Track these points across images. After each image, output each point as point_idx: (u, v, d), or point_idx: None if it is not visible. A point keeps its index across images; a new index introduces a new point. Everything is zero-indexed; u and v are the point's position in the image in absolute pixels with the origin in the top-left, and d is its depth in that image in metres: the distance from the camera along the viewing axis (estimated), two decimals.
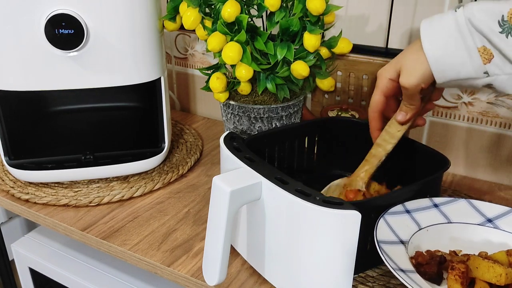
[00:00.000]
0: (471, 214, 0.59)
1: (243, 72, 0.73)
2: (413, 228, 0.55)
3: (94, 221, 0.74)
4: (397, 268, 0.48)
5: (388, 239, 0.52)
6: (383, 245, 0.50)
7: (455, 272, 0.50)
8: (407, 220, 0.55)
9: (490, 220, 0.58)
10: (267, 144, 0.70)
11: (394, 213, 0.55)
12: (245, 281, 0.62)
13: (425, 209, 0.58)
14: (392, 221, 0.54)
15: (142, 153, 0.82)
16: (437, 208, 0.58)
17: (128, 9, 0.72)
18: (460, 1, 0.76)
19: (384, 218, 0.54)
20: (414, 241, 0.54)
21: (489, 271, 0.50)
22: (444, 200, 0.59)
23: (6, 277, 1.14)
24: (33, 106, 0.80)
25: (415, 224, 0.55)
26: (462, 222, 0.58)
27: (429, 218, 0.57)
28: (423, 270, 0.52)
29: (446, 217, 0.58)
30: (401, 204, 0.56)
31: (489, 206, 0.59)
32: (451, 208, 0.59)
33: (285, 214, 0.53)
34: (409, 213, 0.56)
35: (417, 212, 0.57)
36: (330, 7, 0.73)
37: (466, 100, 0.81)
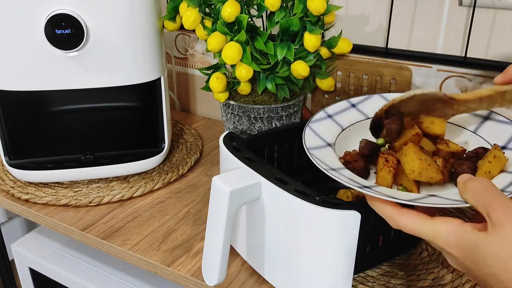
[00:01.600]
0: None
1: (243, 72, 0.73)
2: (336, 130, 0.59)
3: (94, 221, 0.74)
4: (328, 168, 0.51)
5: (316, 144, 0.55)
6: (312, 151, 0.54)
7: (389, 164, 0.52)
8: (330, 124, 0.59)
9: None
10: (266, 144, 0.70)
11: (318, 120, 0.59)
12: (245, 281, 0.62)
13: (344, 110, 0.62)
14: (316, 127, 0.58)
15: (142, 153, 0.82)
16: (355, 108, 0.62)
17: (128, 9, 0.72)
18: (460, 3, 0.77)
19: (309, 126, 0.58)
20: (339, 142, 0.58)
21: (407, 162, 0.51)
22: (360, 99, 0.63)
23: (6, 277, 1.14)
24: (33, 106, 0.80)
25: (338, 126, 0.59)
26: None
27: (349, 118, 0.61)
28: (351, 166, 0.54)
29: (364, 114, 0.61)
30: (322, 110, 0.60)
31: (400, 96, 0.58)
32: (367, 104, 0.62)
33: (285, 214, 0.53)
34: (331, 117, 0.60)
35: (337, 115, 0.61)
36: (330, 7, 0.73)
37: None
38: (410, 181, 0.52)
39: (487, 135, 0.59)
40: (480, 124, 0.60)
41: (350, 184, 0.48)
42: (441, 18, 0.79)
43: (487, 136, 0.59)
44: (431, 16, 0.79)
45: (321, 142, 0.56)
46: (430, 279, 0.61)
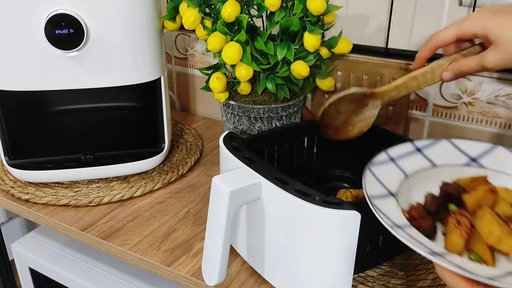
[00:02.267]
0: (454, 154, 0.56)
1: (243, 72, 0.73)
2: (399, 177, 0.53)
3: (94, 221, 0.74)
4: (393, 225, 0.45)
5: (378, 192, 0.49)
6: (374, 201, 0.48)
7: (462, 228, 0.47)
8: (393, 168, 0.53)
9: (474, 160, 0.56)
10: (266, 144, 0.70)
11: (379, 163, 0.53)
12: (245, 281, 0.62)
13: (408, 154, 0.56)
14: (378, 172, 0.52)
15: (142, 153, 0.82)
16: (420, 152, 0.56)
17: (128, 9, 0.72)
18: (460, 3, 0.76)
19: (370, 169, 0.51)
20: (403, 190, 0.52)
21: (485, 224, 0.46)
22: (426, 142, 0.57)
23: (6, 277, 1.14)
24: (33, 106, 0.80)
25: (401, 172, 0.53)
26: (447, 165, 0.56)
27: (414, 164, 0.55)
28: (417, 224, 0.48)
29: (430, 160, 0.56)
30: (384, 151, 0.54)
31: (471, 144, 0.57)
32: (434, 150, 0.57)
33: (285, 214, 0.53)
34: (393, 161, 0.54)
35: (401, 159, 0.55)
36: (330, 7, 0.73)
37: (466, 100, 0.81)
38: (485, 249, 0.46)
39: None
40: None
41: (419, 248, 0.43)
42: (441, 18, 0.79)
43: None
44: (431, 16, 0.79)
45: (383, 190, 0.50)
46: (430, 279, 0.61)
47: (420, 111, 0.86)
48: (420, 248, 0.43)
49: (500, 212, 0.48)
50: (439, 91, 0.83)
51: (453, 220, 0.47)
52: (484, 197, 0.50)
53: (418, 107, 0.86)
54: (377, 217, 0.46)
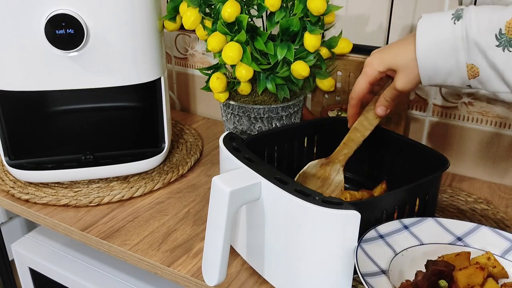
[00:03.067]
0: (440, 233, 0.59)
1: (243, 72, 0.73)
2: (389, 254, 0.55)
3: (94, 221, 0.74)
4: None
5: (370, 270, 0.51)
6: (367, 278, 0.49)
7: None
8: (382, 246, 0.56)
9: (459, 239, 0.59)
10: (266, 144, 0.70)
11: (369, 240, 0.55)
12: (245, 281, 0.62)
13: (396, 232, 0.58)
14: (368, 249, 0.54)
15: (142, 153, 0.82)
16: (408, 230, 0.59)
17: (128, 9, 0.72)
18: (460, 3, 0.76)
19: (361, 247, 0.54)
20: (393, 268, 0.54)
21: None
22: (413, 220, 0.59)
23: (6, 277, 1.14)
24: (33, 106, 0.80)
25: (390, 250, 0.56)
26: (433, 243, 0.58)
27: (402, 241, 0.57)
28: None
29: (417, 238, 0.58)
30: (373, 229, 0.56)
31: (456, 224, 0.60)
32: (420, 228, 0.59)
33: (285, 214, 0.53)
34: (382, 238, 0.56)
35: (389, 236, 0.57)
36: (330, 7, 0.73)
37: (466, 100, 0.81)
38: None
39: None
40: None
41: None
42: None
43: None
44: None
45: (375, 268, 0.52)
46: None
47: (420, 111, 0.86)
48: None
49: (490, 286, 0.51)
50: (439, 91, 0.83)
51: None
52: (475, 274, 0.52)
53: (418, 107, 0.86)
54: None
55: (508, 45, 0.52)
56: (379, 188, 0.69)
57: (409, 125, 0.88)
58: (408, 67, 0.59)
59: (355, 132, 0.69)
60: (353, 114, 0.69)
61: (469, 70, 0.55)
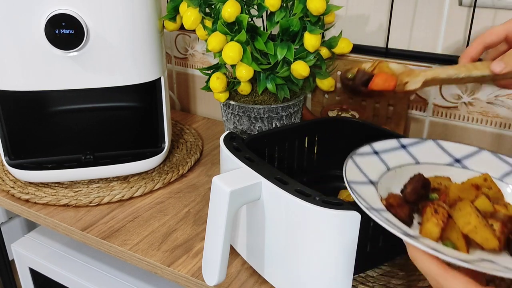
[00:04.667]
0: (439, 154, 0.57)
1: (243, 72, 0.73)
2: (381, 169, 0.53)
3: (94, 221, 0.74)
4: (369, 207, 0.46)
5: (357, 179, 0.50)
6: (353, 185, 0.48)
7: (439, 217, 0.47)
8: (376, 161, 0.54)
9: (458, 161, 0.56)
10: (267, 144, 0.70)
11: (362, 154, 0.53)
12: (245, 281, 0.62)
13: (392, 150, 0.56)
14: (360, 162, 0.52)
15: (142, 153, 0.82)
16: (405, 149, 0.56)
17: (128, 9, 0.72)
18: (460, 3, 0.77)
19: (353, 158, 0.52)
20: (383, 182, 0.52)
21: (463, 215, 0.46)
22: (412, 141, 0.57)
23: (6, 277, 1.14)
24: (33, 106, 0.80)
25: (384, 165, 0.54)
26: (430, 163, 0.56)
27: (397, 159, 0.55)
28: (394, 212, 0.49)
29: (413, 157, 0.56)
30: (368, 144, 0.54)
31: (456, 146, 0.57)
32: (418, 149, 0.57)
33: (285, 214, 0.53)
34: (377, 154, 0.54)
35: (385, 153, 0.55)
36: (330, 7, 0.73)
37: (466, 100, 0.81)
38: (460, 238, 0.46)
39: None
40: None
41: (392, 228, 0.43)
42: (441, 18, 0.79)
43: None
44: (431, 16, 0.79)
45: (364, 178, 0.51)
46: None
47: (420, 111, 0.86)
48: (393, 228, 0.43)
49: (480, 207, 0.49)
50: (439, 91, 0.83)
51: (431, 209, 0.47)
52: (468, 190, 0.50)
53: (418, 107, 0.86)
54: (354, 199, 0.46)
55: None
56: None
57: (409, 125, 0.88)
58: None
59: (454, 69, 0.58)
60: (470, 57, 0.58)
61: None
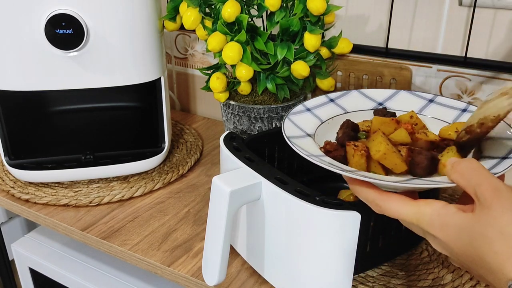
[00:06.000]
0: (363, 102, 0.64)
1: (243, 72, 0.73)
2: (315, 122, 0.60)
3: (94, 221, 0.74)
4: (309, 154, 0.51)
5: (296, 134, 0.56)
6: (292, 139, 0.54)
7: (360, 148, 0.51)
8: (310, 117, 0.60)
9: (380, 104, 0.64)
10: (267, 144, 0.70)
11: (297, 113, 0.60)
12: (245, 281, 0.62)
13: (322, 105, 0.63)
14: (296, 119, 0.59)
15: (142, 153, 0.82)
16: (333, 102, 0.64)
17: (128, 9, 0.72)
18: (460, 3, 0.76)
19: (289, 118, 0.59)
20: (319, 133, 0.58)
21: (375, 144, 0.51)
22: (338, 94, 0.65)
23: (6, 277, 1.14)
24: (33, 106, 0.80)
25: (317, 119, 0.61)
26: (357, 110, 0.63)
27: (328, 112, 0.62)
28: (332, 155, 0.53)
29: (342, 108, 0.63)
30: (301, 104, 0.61)
31: (378, 91, 0.65)
32: (345, 99, 0.64)
33: (285, 214, 0.53)
34: (309, 111, 0.61)
35: (316, 108, 0.62)
36: (330, 7, 0.73)
37: (466, 100, 0.81)
38: (377, 166, 0.51)
39: None
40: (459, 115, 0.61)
41: (332, 168, 0.48)
42: (441, 18, 0.79)
43: None
44: (431, 16, 0.79)
45: (301, 133, 0.57)
46: (430, 279, 0.61)
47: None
48: (333, 168, 0.48)
49: (397, 138, 0.54)
50: (439, 91, 0.83)
51: (350, 145, 0.52)
52: (388, 123, 0.56)
53: None
54: (295, 149, 0.51)
55: None
56: None
57: None
58: None
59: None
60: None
61: None
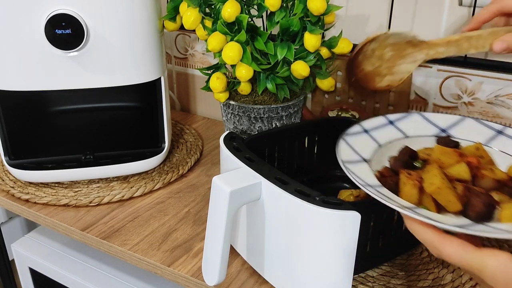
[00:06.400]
0: (425, 126, 0.59)
1: (243, 72, 0.73)
2: (372, 146, 0.55)
3: (94, 221, 0.74)
4: (364, 184, 0.48)
5: (352, 158, 0.52)
6: (347, 165, 0.50)
7: (413, 177, 0.49)
8: (367, 139, 0.56)
9: (444, 130, 0.59)
10: (267, 144, 0.70)
11: (353, 134, 0.56)
12: (245, 281, 0.62)
13: (381, 126, 0.58)
14: (352, 141, 0.55)
15: (142, 153, 0.82)
16: (393, 125, 0.59)
17: (128, 9, 0.72)
18: (460, 4, 0.76)
19: (344, 139, 0.54)
20: (376, 158, 0.54)
21: (429, 176, 0.49)
22: (398, 116, 0.60)
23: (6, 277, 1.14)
24: (33, 106, 0.80)
25: (374, 142, 0.56)
26: (418, 136, 0.58)
27: (387, 135, 0.58)
28: (385, 181, 0.51)
29: (402, 132, 0.58)
30: (358, 124, 0.57)
31: (441, 116, 0.60)
32: (405, 123, 0.59)
33: (285, 214, 0.53)
34: (367, 133, 0.57)
35: (374, 130, 0.57)
36: (330, 7, 0.73)
37: (466, 100, 0.81)
38: (429, 201, 0.48)
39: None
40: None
41: (389, 203, 0.45)
42: (441, 18, 0.79)
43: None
44: (431, 16, 0.79)
45: (357, 157, 0.53)
46: (430, 279, 0.61)
47: (421, 111, 0.86)
48: (390, 203, 0.45)
49: (455, 173, 0.50)
50: (439, 91, 0.83)
51: (404, 173, 0.50)
52: (449, 154, 0.52)
53: (418, 107, 0.86)
54: (350, 177, 0.49)
55: None
56: None
57: None
58: None
59: (466, 41, 0.59)
60: (480, 21, 0.58)
61: None
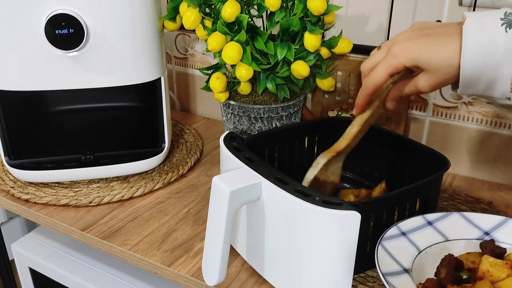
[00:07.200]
0: (466, 228, 0.57)
1: (243, 72, 0.73)
2: (412, 252, 0.53)
3: (94, 221, 0.74)
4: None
5: (392, 269, 0.49)
6: (388, 278, 0.47)
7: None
8: (405, 243, 0.53)
9: (487, 233, 0.56)
10: (267, 144, 0.70)
11: (391, 238, 0.53)
12: (245, 281, 0.62)
13: (420, 228, 0.55)
14: (390, 247, 0.52)
15: (142, 153, 0.82)
16: (432, 226, 0.56)
17: (128, 9, 0.72)
18: (460, 3, 0.76)
19: (382, 245, 0.51)
20: (416, 266, 0.52)
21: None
22: (437, 216, 0.57)
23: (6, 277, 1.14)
24: (33, 106, 0.80)
25: (414, 247, 0.53)
26: (460, 239, 0.56)
27: (426, 238, 0.55)
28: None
29: (442, 234, 0.56)
30: (395, 226, 0.54)
31: (483, 217, 0.57)
32: (445, 224, 0.56)
33: (285, 214, 0.53)
34: (405, 235, 0.54)
35: (412, 233, 0.54)
36: (330, 7, 0.73)
37: (466, 100, 0.81)
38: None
39: None
40: None
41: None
42: (441, 18, 0.79)
43: None
44: (431, 16, 0.79)
45: (397, 267, 0.50)
46: None
47: (421, 111, 0.86)
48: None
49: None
50: (439, 91, 0.83)
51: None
52: (500, 266, 0.50)
53: (418, 107, 0.86)
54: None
55: None
56: (379, 187, 0.69)
57: (409, 125, 0.88)
58: (441, 70, 0.53)
59: (366, 124, 0.64)
60: (364, 105, 0.63)
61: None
